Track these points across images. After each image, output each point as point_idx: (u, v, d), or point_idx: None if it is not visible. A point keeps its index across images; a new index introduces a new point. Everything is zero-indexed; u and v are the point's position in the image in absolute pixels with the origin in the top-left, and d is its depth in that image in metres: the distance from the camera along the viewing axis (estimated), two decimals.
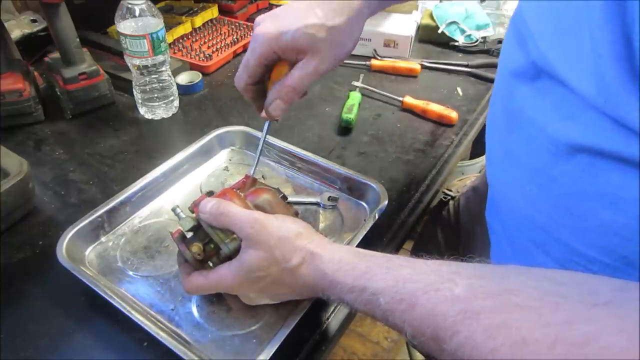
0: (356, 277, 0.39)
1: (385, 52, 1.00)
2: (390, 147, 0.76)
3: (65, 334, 0.50)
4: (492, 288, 0.32)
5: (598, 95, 0.30)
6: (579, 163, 0.34)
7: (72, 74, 0.76)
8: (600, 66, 0.29)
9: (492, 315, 0.30)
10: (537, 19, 0.36)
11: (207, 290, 0.48)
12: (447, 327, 0.32)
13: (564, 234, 0.38)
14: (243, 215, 0.45)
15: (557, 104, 0.35)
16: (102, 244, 0.59)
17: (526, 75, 0.38)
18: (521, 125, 0.40)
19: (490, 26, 1.05)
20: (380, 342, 1.49)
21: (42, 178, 0.68)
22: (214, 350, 0.48)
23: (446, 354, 0.32)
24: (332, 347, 0.51)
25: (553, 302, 0.29)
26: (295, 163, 0.70)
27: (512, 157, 0.43)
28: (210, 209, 0.46)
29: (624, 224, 0.32)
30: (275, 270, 0.43)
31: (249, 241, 0.44)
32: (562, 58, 0.33)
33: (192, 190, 0.68)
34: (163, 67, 0.77)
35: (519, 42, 0.40)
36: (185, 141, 0.71)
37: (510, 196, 0.45)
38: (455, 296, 0.33)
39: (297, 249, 0.43)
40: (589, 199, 0.34)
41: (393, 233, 0.62)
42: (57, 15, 0.72)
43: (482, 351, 0.29)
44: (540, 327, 0.28)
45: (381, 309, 0.37)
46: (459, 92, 0.91)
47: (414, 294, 0.35)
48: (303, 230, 0.45)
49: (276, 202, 0.50)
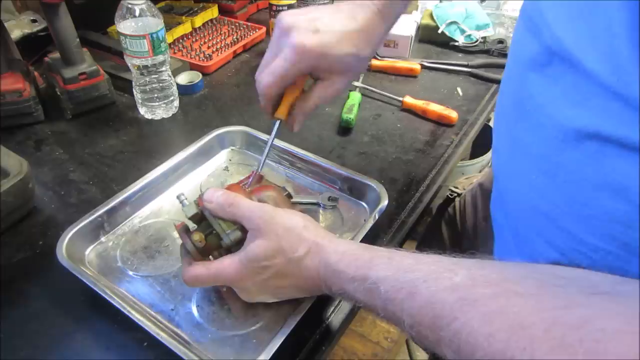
0: (358, 267, 0.40)
1: (385, 52, 1.00)
2: (390, 147, 0.76)
3: (65, 334, 0.50)
4: (492, 277, 0.32)
5: (611, 74, 0.31)
6: (586, 150, 0.34)
7: (72, 74, 0.76)
8: (615, 45, 0.30)
9: (490, 301, 0.30)
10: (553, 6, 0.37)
11: (206, 281, 0.48)
12: (445, 314, 0.32)
13: (567, 222, 0.38)
14: (251, 205, 0.46)
15: (568, 90, 0.35)
16: (102, 244, 0.59)
17: (538, 62, 0.39)
18: (530, 112, 0.40)
19: (490, 26, 1.05)
20: (380, 342, 1.49)
21: (42, 178, 0.68)
22: (214, 350, 0.48)
23: (443, 343, 0.32)
24: (332, 347, 0.51)
25: (552, 290, 0.29)
26: (295, 163, 0.70)
27: (519, 145, 0.43)
28: (218, 199, 0.47)
29: (627, 211, 0.33)
30: (280, 261, 0.44)
31: (257, 231, 0.44)
32: (576, 39, 0.34)
33: (192, 190, 0.68)
34: (163, 67, 0.77)
35: (531, 31, 0.40)
36: (185, 141, 0.71)
37: (515, 185, 0.45)
38: (455, 284, 0.33)
39: (303, 239, 0.44)
40: (594, 187, 0.34)
41: (393, 233, 0.62)
42: (57, 15, 0.72)
43: (478, 337, 0.29)
44: (538, 311, 0.28)
45: (381, 297, 0.37)
46: (459, 92, 0.91)
47: (414, 283, 0.35)
48: (309, 223, 0.46)
49: (281, 199, 0.51)
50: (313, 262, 0.44)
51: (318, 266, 0.43)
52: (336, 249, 0.43)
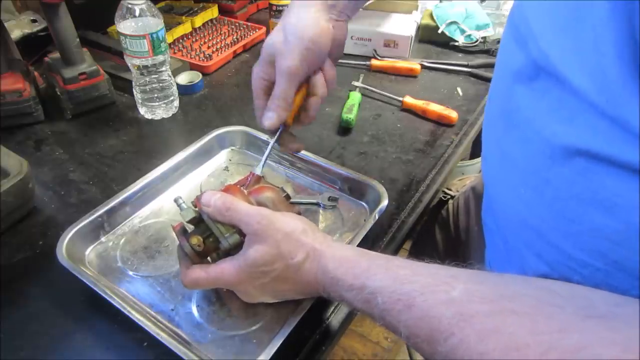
0: (356, 276, 0.40)
1: (385, 52, 1.00)
2: (390, 147, 0.76)
3: (65, 334, 0.50)
4: (488, 293, 0.32)
5: (599, 94, 0.30)
6: (574, 166, 0.34)
7: (72, 74, 0.76)
8: (603, 64, 0.29)
9: (486, 319, 0.30)
10: (539, 16, 0.36)
11: (206, 284, 0.48)
12: (442, 329, 0.32)
13: (556, 237, 0.38)
14: (250, 210, 0.45)
15: (555, 106, 0.34)
16: (102, 244, 0.59)
17: (525, 75, 0.38)
18: (518, 126, 0.40)
19: (490, 26, 1.05)
20: (380, 342, 1.49)
21: (42, 178, 0.68)
22: (214, 350, 0.48)
23: (439, 357, 0.32)
24: (332, 347, 0.51)
25: (548, 311, 0.29)
26: (295, 163, 0.70)
27: (507, 158, 0.43)
28: (215, 202, 0.46)
29: (617, 229, 0.32)
30: (280, 265, 0.44)
31: (256, 236, 0.44)
32: (563, 56, 0.33)
33: (192, 190, 0.68)
34: (163, 67, 0.77)
35: (518, 42, 0.39)
36: (185, 141, 0.71)
37: (504, 197, 0.45)
38: (452, 299, 0.33)
39: (302, 245, 0.44)
40: (582, 203, 0.34)
41: (393, 233, 0.62)
42: (57, 15, 0.72)
43: (473, 354, 0.29)
44: (533, 334, 0.28)
45: (378, 307, 0.37)
46: (459, 92, 0.91)
47: (411, 295, 0.35)
48: (308, 227, 0.46)
49: (279, 200, 0.50)
50: (311, 268, 0.43)
51: (316, 272, 0.43)
52: (333, 255, 0.43)
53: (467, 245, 0.74)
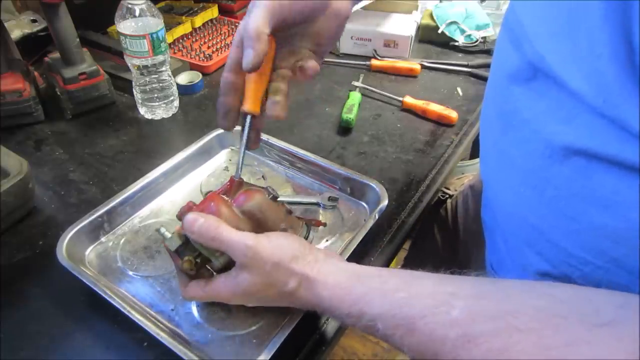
0: (352, 303, 0.39)
1: (385, 52, 1.00)
2: (390, 147, 0.76)
3: (65, 334, 0.50)
4: (491, 310, 0.32)
5: (596, 95, 0.30)
6: (573, 166, 0.34)
7: (72, 74, 0.76)
8: (599, 66, 0.29)
9: (492, 339, 0.30)
10: (533, 19, 0.36)
11: (203, 300, 0.49)
12: (447, 351, 0.32)
13: (556, 236, 0.38)
14: (232, 239, 0.43)
15: (553, 106, 0.35)
16: (102, 244, 0.59)
17: (521, 76, 0.38)
18: (515, 126, 0.40)
19: (490, 26, 1.05)
20: (380, 342, 1.49)
21: (42, 178, 0.68)
22: (214, 350, 0.48)
23: None
24: (332, 347, 0.51)
25: (553, 323, 0.29)
26: (295, 163, 0.70)
27: (506, 158, 0.43)
28: (199, 229, 0.43)
29: (616, 226, 0.32)
30: (273, 292, 0.43)
31: (243, 266, 0.43)
32: (558, 58, 0.33)
33: (192, 190, 0.68)
34: (163, 67, 0.77)
35: (513, 44, 0.39)
36: (185, 141, 0.71)
37: (503, 196, 0.45)
38: (454, 320, 0.33)
39: (292, 273, 0.42)
40: (582, 202, 0.34)
41: (393, 233, 0.62)
42: (57, 15, 0.72)
43: None
44: (541, 350, 0.28)
45: (380, 333, 0.37)
46: (459, 92, 0.91)
47: (411, 320, 0.35)
48: (297, 252, 0.44)
49: (266, 204, 0.49)
50: (306, 295, 0.42)
51: (312, 299, 0.42)
52: (326, 283, 0.41)
53: (466, 244, 0.74)
